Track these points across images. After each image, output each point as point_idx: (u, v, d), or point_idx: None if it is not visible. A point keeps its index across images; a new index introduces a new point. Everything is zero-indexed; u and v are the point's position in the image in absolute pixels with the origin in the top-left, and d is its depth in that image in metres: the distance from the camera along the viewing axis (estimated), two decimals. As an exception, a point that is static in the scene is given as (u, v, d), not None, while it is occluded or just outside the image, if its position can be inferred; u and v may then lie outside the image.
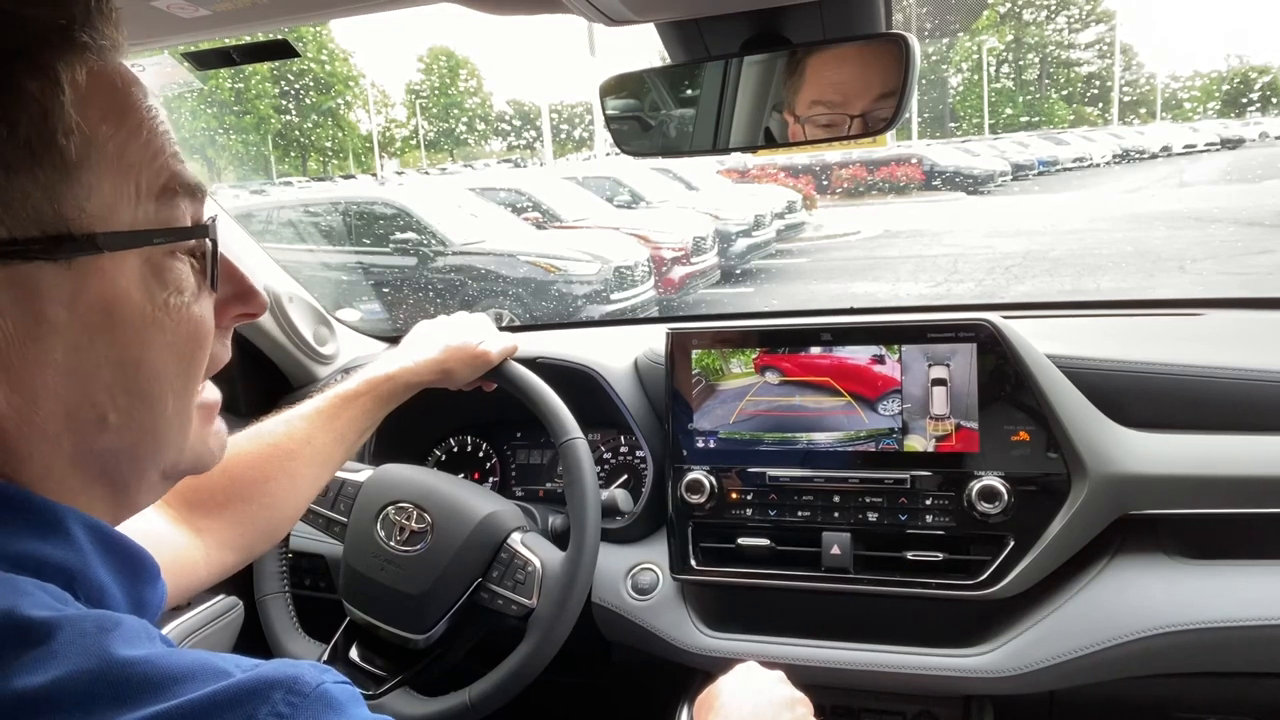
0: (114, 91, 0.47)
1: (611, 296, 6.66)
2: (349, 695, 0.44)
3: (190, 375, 0.52)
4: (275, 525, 0.92)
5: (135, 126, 0.48)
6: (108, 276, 0.46)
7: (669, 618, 1.24)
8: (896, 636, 1.16)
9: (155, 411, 0.50)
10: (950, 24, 29.25)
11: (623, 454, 1.50)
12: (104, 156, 0.46)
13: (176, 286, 0.49)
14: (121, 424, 0.48)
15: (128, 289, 0.47)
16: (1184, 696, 1.13)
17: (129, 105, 0.48)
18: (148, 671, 0.40)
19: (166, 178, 0.49)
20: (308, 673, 0.43)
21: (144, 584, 0.51)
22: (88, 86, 0.45)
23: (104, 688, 0.39)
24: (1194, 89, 26.12)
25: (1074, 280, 8.07)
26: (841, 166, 14.22)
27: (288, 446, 0.92)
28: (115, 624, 0.42)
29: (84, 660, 0.39)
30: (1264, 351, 1.19)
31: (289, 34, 1.01)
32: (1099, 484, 1.09)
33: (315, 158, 30.11)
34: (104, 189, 0.46)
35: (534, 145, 32.69)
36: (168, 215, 0.49)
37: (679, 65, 0.97)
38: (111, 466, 0.49)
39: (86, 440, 0.47)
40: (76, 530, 0.47)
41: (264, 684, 0.41)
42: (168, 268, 0.49)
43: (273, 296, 1.54)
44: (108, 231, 0.46)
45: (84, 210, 0.45)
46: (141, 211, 0.48)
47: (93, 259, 0.45)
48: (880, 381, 1.17)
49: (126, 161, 0.47)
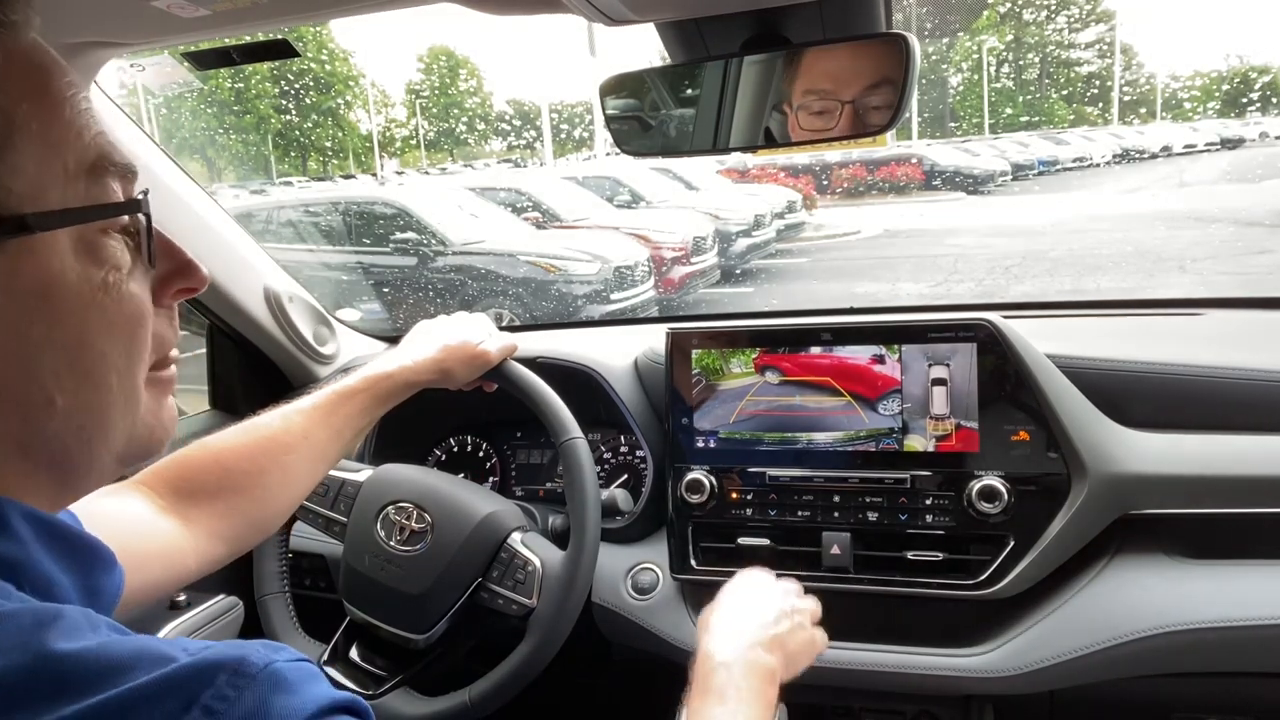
0: (31, 69, 0.46)
1: (611, 296, 6.66)
2: (303, 673, 0.43)
3: (133, 354, 0.50)
4: (267, 519, 0.91)
5: (56, 104, 0.47)
6: (40, 258, 0.45)
7: (669, 617, 1.24)
8: (896, 636, 1.16)
9: (101, 392, 0.49)
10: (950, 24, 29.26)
11: (623, 454, 1.50)
12: (26, 136, 0.45)
13: (113, 264, 0.48)
14: (69, 406, 0.47)
15: (62, 270, 0.46)
16: (1184, 696, 1.13)
17: (48, 83, 0.47)
18: (87, 663, 0.39)
19: (94, 156, 0.48)
20: (255, 653, 0.42)
21: (97, 572, 0.51)
22: (2, 65, 0.44)
23: (42, 682, 0.38)
24: (1194, 89, 26.14)
25: (1074, 280, 8.07)
26: (841, 166, 14.21)
27: (283, 440, 0.92)
28: (54, 617, 0.41)
29: (20, 655, 0.38)
30: (1264, 351, 1.19)
31: (289, 34, 1.02)
32: (1099, 484, 1.09)
33: (315, 158, 30.12)
34: (29, 169, 0.45)
35: (534, 145, 32.72)
36: (98, 193, 0.48)
37: (679, 65, 0.97)
38: (60, 450, 0.48)
39: (35, 424, 0.47)
40: (17, 523, 0.46)
41: (207, 667, 0.40)
42: (101, 246, 0.48)
43: (273, 296, 1.54)
44: (37, 212, 0.45)
45: (10, 191, 0.44)
46: (70, 190, 0.47)
47: (24, 240, 0.44)
48: (880, 381, 1.17)
49: (50, 140, 0.46)
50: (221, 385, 1.63)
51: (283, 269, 1.60)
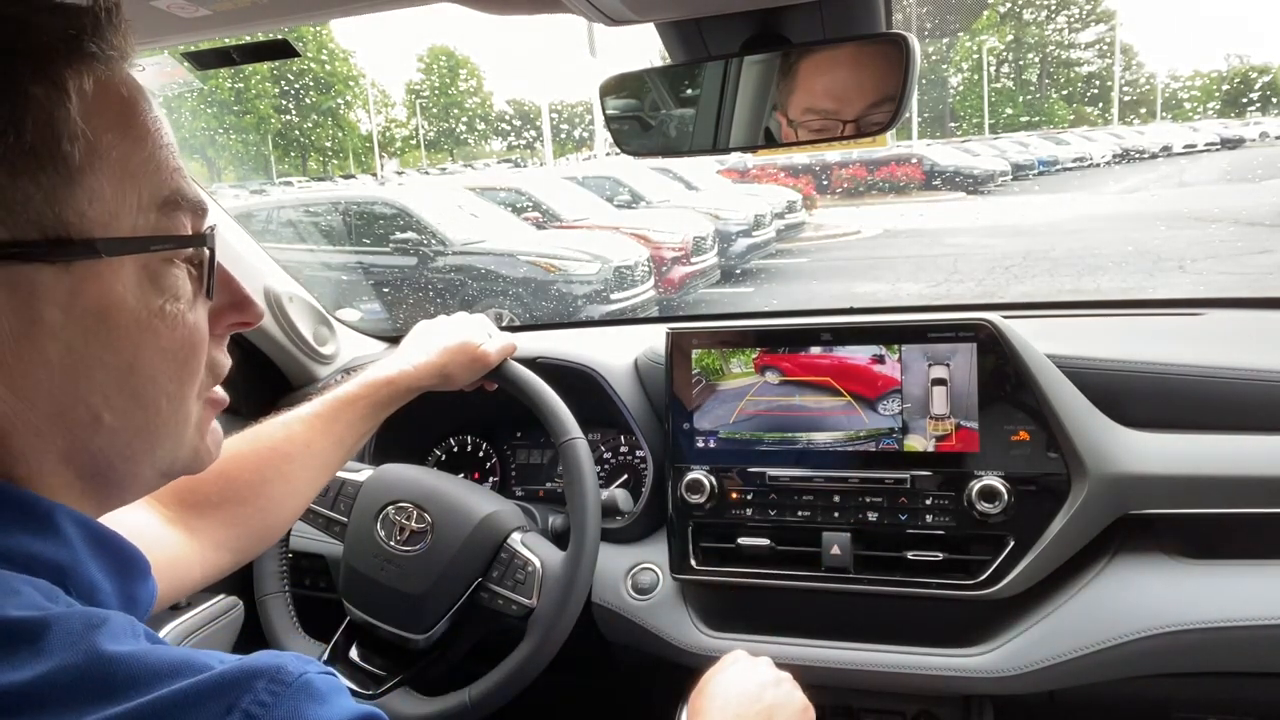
0: (120, 101, 0.48)
1: (611, 296, 6.65)
2: (332, 686, 0.45)
3: (185, 379, 0.52)
4: (271, 527, 0.92)
5: (139, 137, 0.49)
6: (104, 281, 0.47)
7: (669, 618, 1.24)
8: (896, 636, 1.16)
9: (149, 413, 0.51)
10: (950, 24, 29.26)
11: (623, 454, 1.50)
12: (107, 164, 0.47)
13: (172, 293, 0.50)
14: (116, 424, 0.49)
15: (123, 294, 0.48)
16: (1184, 696, 1.13)
17: (134, 116, 0.49)
18: (133, 666, 0.40)
19: (169, 191, 0.50)
20: (291, 663, 0.44)
21: (134, 581, 0.52)
22: (94, 95, 0.46)
23: (91, 682, 0.39)
24: (1194, 89, 26.11)
25: (1074, 280, 8.06)
26: (841, 166, 14.20)
27: (285, 450, 0.92)
28: (102, 620, 0.42)
29: (71, 656, 0.40)
30: (1264, 351, 1.19)
31: (289, 34, 1.01)
32: (1099, 484, 1.09)
33: (315, 158, 30.11)
34: (105, 195, 0.46)
35: (534, 145, 32.72)
36: (168, 225, 0.50)
37: (679, 65, 0.97)
38: (105, 465, 0.50)
39: (81, 439, 0.48)
40: (67, 527, 0.47)
41: (247, 674, 0.42)
42: (164, 274, 0.50)
43: (273, 296, 1.54)
44: (107, 237, 0.46)
45: (85, 215, 0.46)
46: (142, 219, 0.48)
47: (90, 263, 0.46)
48: (880, 381, 1.17)
49: (129, 170, 0.48)
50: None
51: (283, 269, 1.60)
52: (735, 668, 0.91)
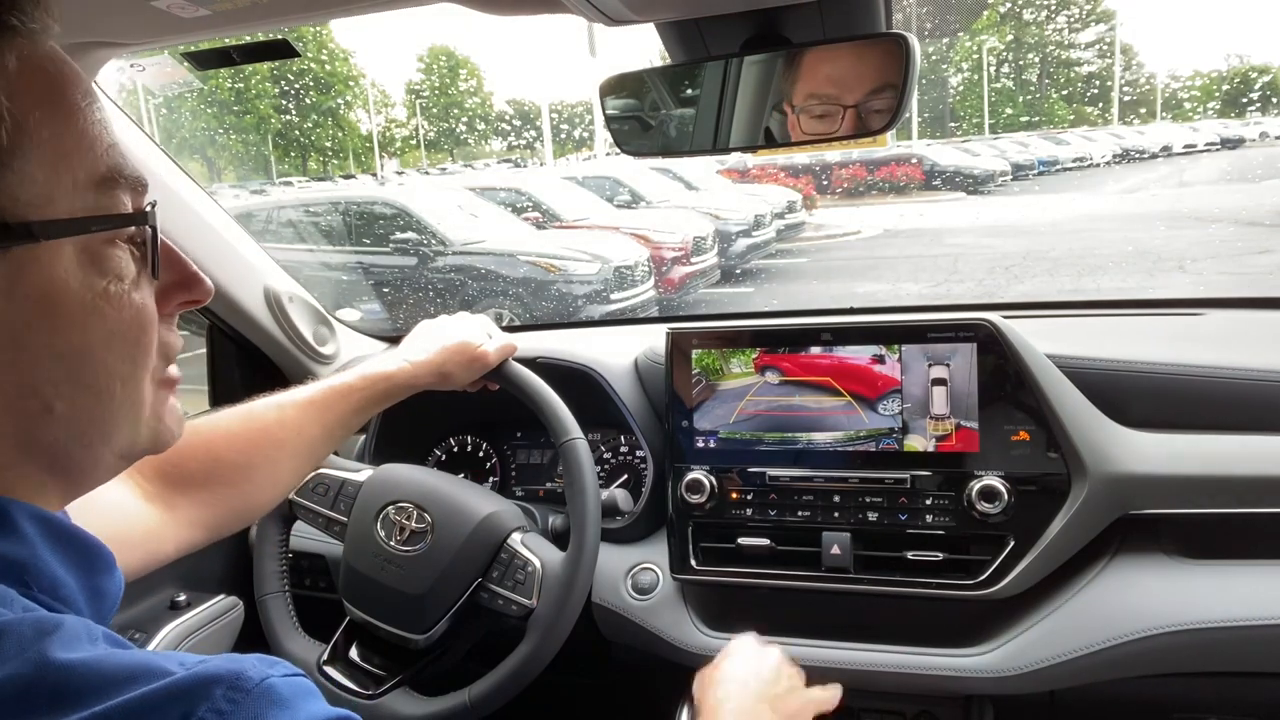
0: (46, 77, 0.46)
1: (611, 296, 6.65)
2: (298, 689, 0.43)
3: (137, 361, 0.50)
4: (250, 509, 0.92)
5: (69, 113, 0.47)
6: (44, 265, 0.45)
7: (669, 617, 1.24)
8: (896, 636, 1.16)
9: (103, 399, 0.49)
10: (950, 24, 29.25)
11: (623, 454, 1.50)
12: (38, 144, 0.45)
13: (116, 274, 0.48)
14: (68, 413, 0.47)
15: (65, 278, 0.46)
16: (1184, 696, 1.13)
17: (62, 92, 0.47)
18: (85, 673, 0.39)
19: (105, 169, 0.48)
20: (252, 668, 0.42)
21: (99, 574, 0.51)
22: (17, 72, 0.44)
23: (40, 691, 0.38)
24: (1194, 89, 26.10)
25: (1074, 280, 8.06)
26: (841, 166, 14.19)
27: (277, 435, 0.92)
28: (54, 626, 0.41)
29: (20, 665, 0.38)
30: (1264, 351, 1.19)
31: (289, 34, 1.02)
32: (1099, 484, 1.09)
33: (315, 158, 30.10)
34: (38, 177, 0.45)
35: (534, 145, 32.70)
36: (107, 204, 0.48)
37: (679, 65, 0.97)
38: (61, 454, 0.48)
39: (32, 429, 0.47)
40: (24, 523, 0.46)
41: (205, 680, 0.40)
42: (106, 255, 0.48)
43: (273, 296, 1.54)
44: (43, 220, 0.45)
45: (18, 199, 0.44)
46: (79, 200, 0.46)
47: (28, 248, 0.44)
48: (880, 381, 1.17)
49: (62, 150, 0.46)
50: (222, 385, 1.63)
51: (283, 269, 1.61)
52: (751, 651, 0.93)
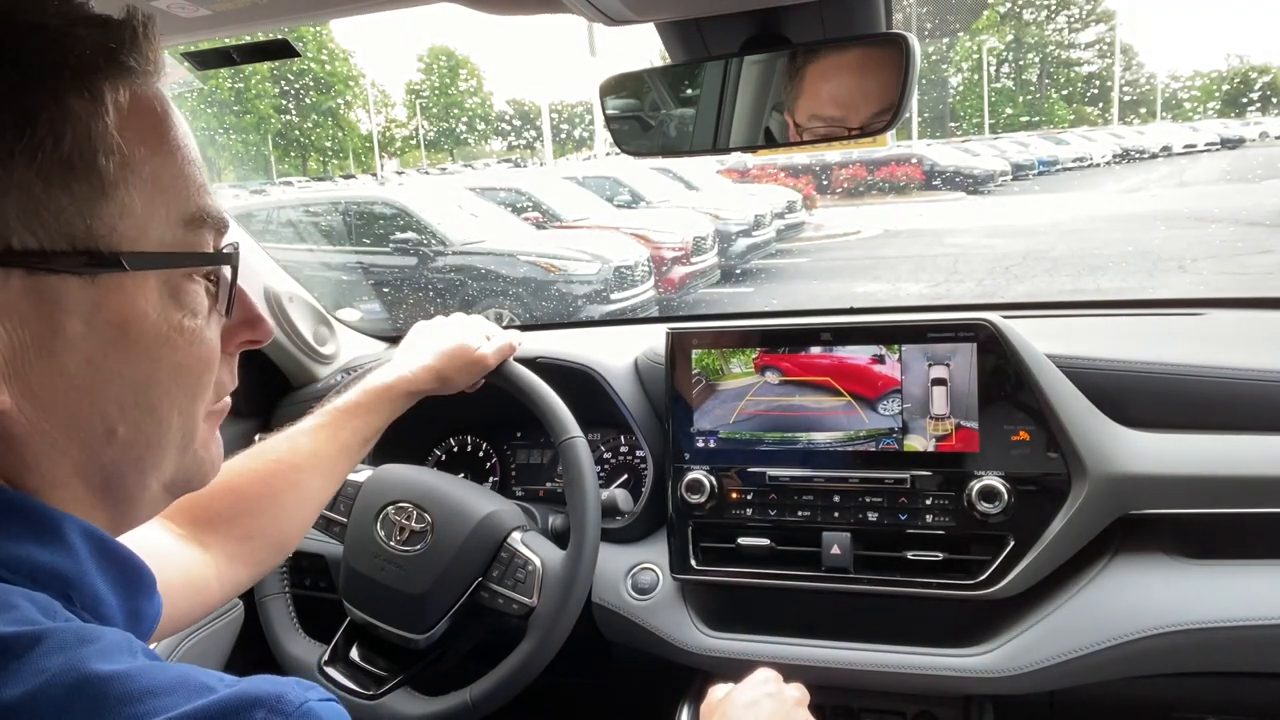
0: (153, 116, 0.49)
1: (611, 296, 6.65)
2: (333, 714, 0.44)
3: (196, 394, 0.53)
4: (285, 537, 0.92)
5: (170, 152, 0.49)
6: (128, 294, 0.47)
7: (669, 617, 1.24)
8: (896, 636, 1.16)
9: (161, 428, 0.51)
10: (950, 24, 29.25)
11: (623, 454, 1.50)
12: (139, 179, 0.47)
13: (191, 309, 0.51)
14: (129, 437, 0.49)
15: (145, 308, 0.48)
16: (1184, 696, 1.13)
17: (166, 131, 0.49)
18: (125, 685, 0.39)
19: (195, 208, 0.50)
20: (292, 690, 0.42)
21: (140, 595, 0.52)
22: (129, 109, 0.47)
23: (80, 701, 0.38)
24: (1194, 89, 26.09)
25: (1074, 280, 8.06)
26: (841, 166, 14.20)
27: (292, 461, 0.92)
28: (96, 638, 0.41)
29: (61, 674, 0.39)
30: (1264, 351, 1.19)
31: (289, 34, 1.01)
32: (1099, 484, 1.09)
33: (315, 158, 30.10)
34: (136, 210, 0.47)
35: (534, 145, 32.71)
36: (193, 241, 0.51)
37: (679, 65, 0.97)
38: (115, 478, 0.50)
39: (93, 451, 0.48)
40: (75, 538, 0.47)
41: (246, 701, 0.41)
42: (185, 290, 0.50)
43: (273, 296, 1.54)
44: (134, 251, 0.47)
45: (114, 229, 0.46)
46: (170, 235, 0.49)
47: (115, 276, 0.46)
48: (880, 381, 1.17)
49: (160, 185, 0.48)
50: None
51: (283, 269, 1.61)
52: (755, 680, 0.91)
